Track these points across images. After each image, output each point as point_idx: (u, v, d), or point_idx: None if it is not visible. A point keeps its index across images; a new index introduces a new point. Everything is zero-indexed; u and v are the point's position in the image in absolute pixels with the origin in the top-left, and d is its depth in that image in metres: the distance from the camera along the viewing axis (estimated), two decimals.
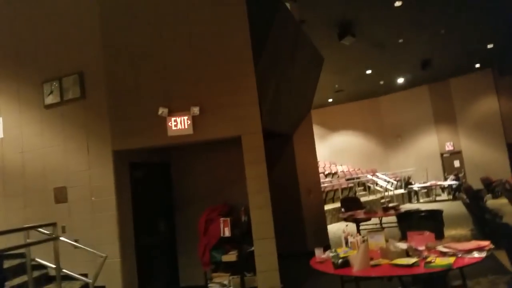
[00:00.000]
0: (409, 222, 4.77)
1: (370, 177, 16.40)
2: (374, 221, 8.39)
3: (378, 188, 15.80)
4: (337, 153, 20.02)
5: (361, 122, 19.98)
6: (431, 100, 18.50)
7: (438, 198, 15.73)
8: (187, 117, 4.93)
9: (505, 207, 9.49)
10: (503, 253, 4.03)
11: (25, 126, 5.64)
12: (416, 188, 15.65)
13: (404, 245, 3.25)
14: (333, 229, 9.91)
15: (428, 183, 15.83)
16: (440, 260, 2.89)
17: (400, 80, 17.01)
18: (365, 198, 13.90)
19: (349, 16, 9.53)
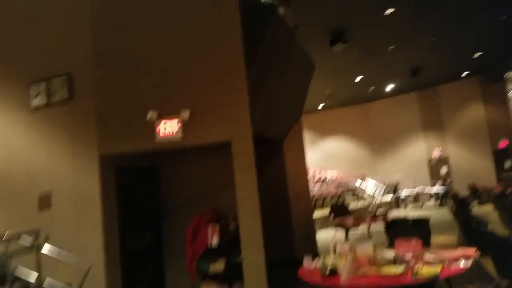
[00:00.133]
0: (397, 230, 4.79)
1: (359, 183, 16.49)
2: (363, 228, 8.42)
3: (367, 195, 15.88)
4: (327, 158, 20.06)
5: (351, 128, 20.10)
6: (420, 107, 18.72)
7: (426, 205, 15.86)
8: (177, 121, 4.87)
9: (491, 215, 9.61)
10: (489, 260, 4.07)
11: (10, 128, 5.51)
12: (404, 195, 15.76)
13: (392, 253, 3.26)
14: (323, 236, 9.91)
15: (416, 190, 15.95)
16: (427, 270, 2.90)
17: (390, 87, 17.17)
18: (354, 205, 13.95)
19: (341, 23, 9.60)
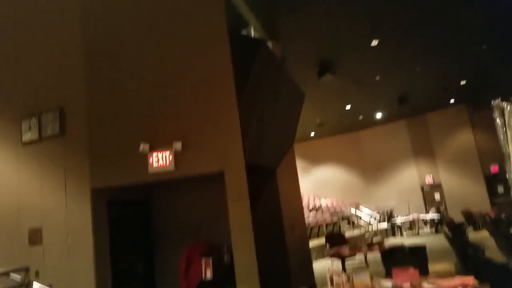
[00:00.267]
0: (394, 259, 4.74)
1: (354, 211, 16.40)
2: (359, 257, 8.30)
3: (362, 223, 15.77)
4: (321, 186, 20.05)
5: (343, 156, 20.24)
6: (409, 134, 18.98)
7: (421, 232, 15.77)
8: (169, 153, 4.86)
9: (487, 240, 9.55)
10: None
11: (1, 163, 5.46)
12: (399, 222, 15.70)
13: (390, 283, 3.21)
14: (319, 266, 9.72)
15: (410, 217, 15.90)
16: None
17: (379, 115, 17.47)
18: (350, 233, 13.81)
19: (328, 55, 9.90)
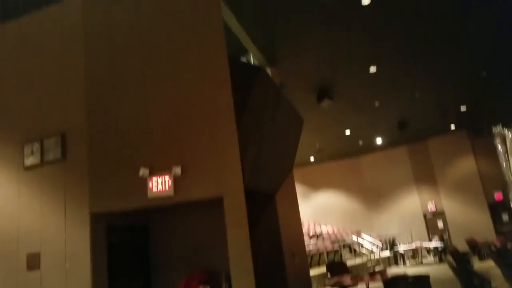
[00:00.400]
0: None
1: (355, 239, 16.14)
2: (361, 287, 8.12)
3: (364, 251, 15.49)
4: (321, 213, 19.78)
5: (343, 181, 20.04)
6: (410, 160, 18.83)
7: (424, 261, 15.45)
8: (168, 178, 4.87)
9: (493, 270, 9.31)
10: None
11: (1, 188, 5.45)
12: (402, 250, 15.41)
13: None
14: None
15: (413, 245, 15.63)
16: None
17: (379, 140, 17.45)
18: (351, 262, 13.53)
19: (327, 81, 10.04)
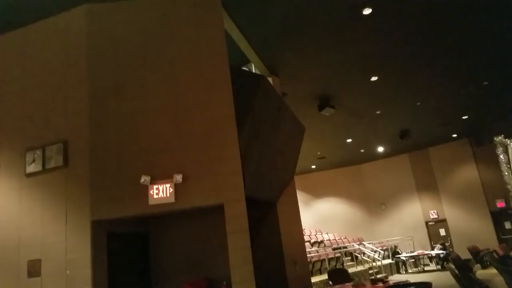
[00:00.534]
0: None
1: (357, 246, 16.04)
2: None
3: (366, 258, 15.40)
4: (322, 221, 19.71)
5: (345, 189, 20.00)
6: (412, 168, 18.80)
7: (426, 268, 15.36)
8: (169, 185, 4.89)
9: (496, 278, 9.24)
10: None
11: (3, 195, 5.48)
12: (404, 258, 15.32)
13: None
14: None
15: (415, 253, 15.53)
16: None
17: (380, 149, 17.45)
18: (353, 269, 13.44)
19: (328, 90, 10.07)
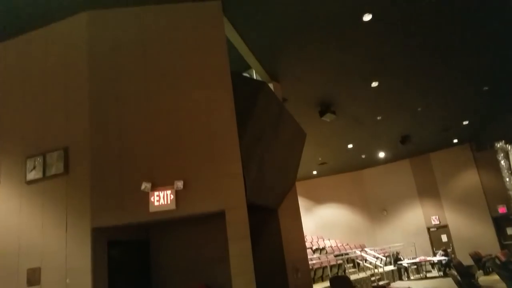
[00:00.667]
0: None
1: (359, 253, 15.95)
2: None
3: (368, 265, 15.31)
4: (324, 227, 19.63)
5: (346, 195, 19.93)
6: (413, 174, 18.74)
7: (429, 275, 15.24)
8: (170, 192, 4.87)
9: (498, 284, 9.15)
10: None
11: (3, 202, 5.45)
12: (406, 264, 15.23)
13: None
14: None
15: (417, 259, 15.43)
16: None
17: (382, 154, 17.43)
18: (355, 276, 13.35)
19: (329, 96, 10.08)
